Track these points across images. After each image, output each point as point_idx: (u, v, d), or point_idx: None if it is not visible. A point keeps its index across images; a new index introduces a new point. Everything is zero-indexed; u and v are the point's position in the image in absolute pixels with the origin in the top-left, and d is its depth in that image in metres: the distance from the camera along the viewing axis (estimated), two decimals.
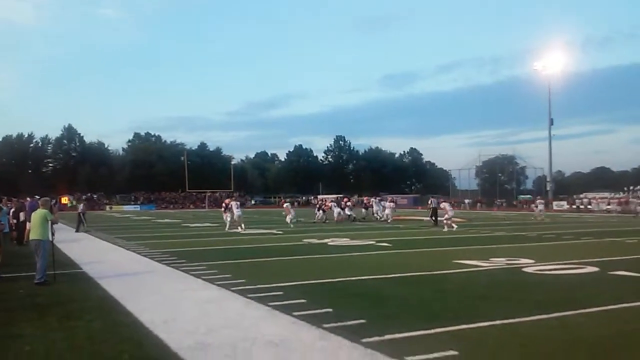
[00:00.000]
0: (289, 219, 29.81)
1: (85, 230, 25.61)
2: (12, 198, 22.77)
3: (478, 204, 74.87)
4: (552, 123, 70.47)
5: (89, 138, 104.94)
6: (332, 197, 65.85)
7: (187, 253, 15.37)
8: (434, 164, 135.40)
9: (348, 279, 10.45)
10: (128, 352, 5.68)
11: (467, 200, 73.89)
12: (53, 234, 10.65)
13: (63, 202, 71.28)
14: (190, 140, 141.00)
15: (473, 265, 12.35)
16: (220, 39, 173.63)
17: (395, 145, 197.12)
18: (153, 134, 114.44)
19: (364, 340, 5.88)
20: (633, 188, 64.40)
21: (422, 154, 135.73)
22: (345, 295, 8.84)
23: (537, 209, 40.31)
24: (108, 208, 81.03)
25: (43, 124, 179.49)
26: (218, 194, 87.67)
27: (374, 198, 41.61)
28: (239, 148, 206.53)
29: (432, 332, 6.32)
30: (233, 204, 26.42)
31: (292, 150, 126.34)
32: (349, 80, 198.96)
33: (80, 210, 27.34)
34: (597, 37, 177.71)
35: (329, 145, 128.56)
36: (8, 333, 6.58)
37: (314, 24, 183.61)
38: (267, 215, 43.05)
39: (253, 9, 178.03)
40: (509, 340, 6.02)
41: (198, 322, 6.93)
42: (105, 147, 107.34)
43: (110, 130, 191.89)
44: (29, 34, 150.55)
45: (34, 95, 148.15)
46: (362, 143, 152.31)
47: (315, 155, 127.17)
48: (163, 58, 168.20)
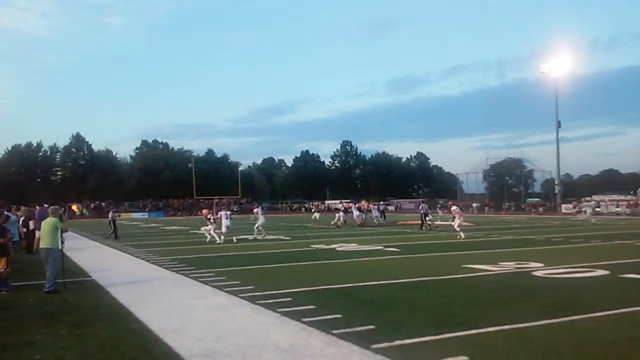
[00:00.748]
0: (259, 226, 25.85)
1: (107, 237, 26.14)
2: (21, 207, 22.93)
3: (486, 208, 74.64)
4: (559, 126, 70.21)
5: (97, 146, 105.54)
6: (338, 202, 65.72)
7: (195, 260, 15.41)
8: (441, 168, 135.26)
9: (357, 285, 10.44)
10: (138, 359, 5.71)
11: (474, 204, 73.67)
12: (63, 243, 10.72)
13: (72, 210, 71.63)
14: (198, 147, 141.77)
15: (482, 270, 12.31)
16: (226, 46, 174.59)
17: (402, 150, 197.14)
18: (160, 142, 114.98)
19: (374, 346, 5.88)
20: None
21: (429, 158, 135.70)
22: (354, 301, 8.83)
23: (585, 214, 40.07)
24: (116, 216, 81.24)
25: (51, 133, 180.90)
26: (225, 200, 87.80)
27: (374, 203, 41.47)
28: (246, 154, 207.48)
29: (441, 337, 6.31)
30: (222, 214, 24.37)
31: (298, 156, 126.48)
32: (355, 85, 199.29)
33: (111, 218, 27.84)
34: (604, 38, 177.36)
35: (336, 150, 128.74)
36: (19, 341, 6.62)
37: (320, 30, 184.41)
38: (274, 222, 43.05)
39: (258, 16, 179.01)
40: (519, 345, 6.00)
41: (207, 329, 6.95)
42: (114, 155, 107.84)
43: (118, 138, 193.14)
44: (37, 43, 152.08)
45: (43, 104, 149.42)
46: (368, 148, 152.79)
47: (322, 161, 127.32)
48: (170, 65, 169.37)
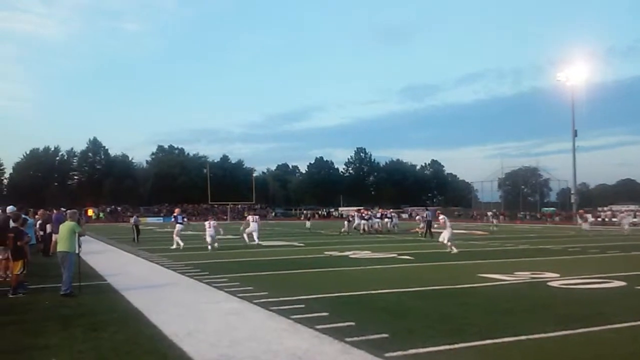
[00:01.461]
0: (251, 233, 24.43)
1: (133, 241, 26.56)
2: (39, 210, 23.22)
3: (501, 217, 73.94)
4: (575, 134, 69.42)
5: (114, 151, 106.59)
6: (353, 209, 65.60)
7: (209, 265, 15.47)
8: (456, 176, 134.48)
9: (370, 292, 10.41)
10: None
11: (489, 213, 73.06)
12: (80, 246, 10.82)
13: (88, 214, 72.23)
14: (212, 153, 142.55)
15: (497, 279, 12.21)
16: (241, 52, 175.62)
17: (417, 157, 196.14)
18: (176, 147, 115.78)
19: (387, 355, 5.86)
20: None
21: (443, 166, 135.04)
22: (368, 309, 8.80)
23: (625, 225, 39.47)
24: (131, 220, 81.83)
25: (69, 138, 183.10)
26: (239, 206, 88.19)
27: (384, 211, 40.80)
28: (260, 160, 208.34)
29: (456, 347, 6.26)
30: (206, 224, 23.37)
31: (312, 163, 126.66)
32: (369, 92, 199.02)
33: (134, 222, 28.18)
34: (620, 47, 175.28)
35: (350, 157, 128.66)
36: (34, 344, 6.69)
37: (334, 36, 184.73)
38: (287, 228, 43.14)
39: (272, 21, 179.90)
40: (535, 357, 5.94)
41: (221, 334, 6.96)
42: (130, 159, 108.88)
43: (134, 143, 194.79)
44: (55, 49, 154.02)
45: (60, 109, 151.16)
46: (383, 155, 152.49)
47: (336, 167, 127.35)
48: (185, 71, 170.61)
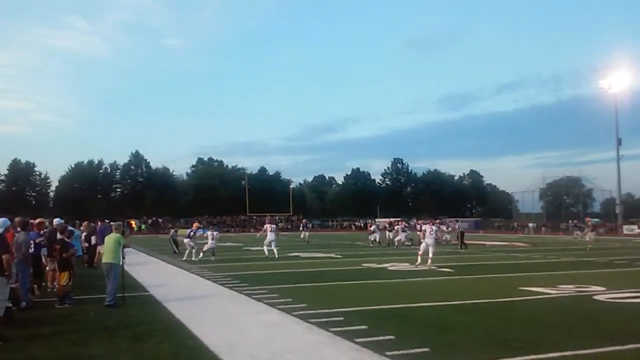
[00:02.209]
0: (270, 245, 23.97)
1: (174, 253, 26.99)
2: (84, 222, 23.90)
3: (542, 228, 72.27)
4: (620, 143, 67.62)
5: (155, 164, 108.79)
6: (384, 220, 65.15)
7: (248, 276, 15.61)
8: (496, 187, 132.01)
9: (409, 305, 10.32)
10: None
11: (530, 224, 71.49)
12: (124, 258, 11.09)
13: (131, 225, 73.83)
14: (251, 165, 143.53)
15: (540, 293, 11.92)
16: (278, 65, 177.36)
17: (455, 168, 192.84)
18: (215, 159, 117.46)
19: None
20: None
21: (482, 176, 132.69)
22: (407, 322, 8.73)
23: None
24: (172, 232, 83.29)
25: (112, 151, 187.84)
26: (277, 218, 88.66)
27: (397, 222, 39.44)
28: (298, 172, 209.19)
29: None
30: (209, 234, 23.52)
31: (349, 174, 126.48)
32: (406, 102, 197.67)
33: (171, 235, 29.56)
34: None
35: (387, 168, 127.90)
36: (80, 353, 6.89)
37: (369, 46, 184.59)
38: (325, 239, 43.15)
39: (309, 35, 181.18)
40: None
41: (261, 346, 7.02)
42: (170, 172, 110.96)
43: (175, 156, 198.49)
44: (98, 65, 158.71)
45: (104, 124, 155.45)
46: (420, 165, 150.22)
47: (373, 179, 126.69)
48: (224, 85, 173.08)
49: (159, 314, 9.71)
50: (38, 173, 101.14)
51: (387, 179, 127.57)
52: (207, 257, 22.48)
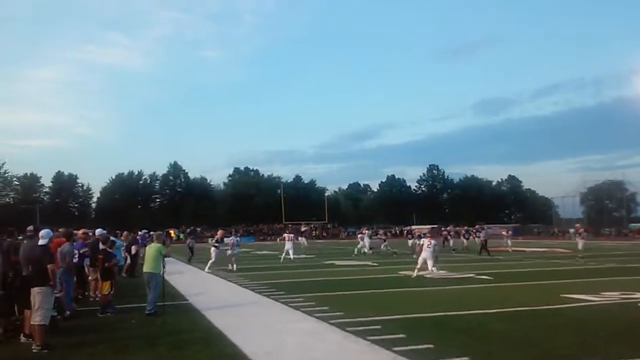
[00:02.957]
0: (287, 254, 26.63)
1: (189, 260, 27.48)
2: (124, 231, 24.46)
3: (584, 233, 70.34)
4: None
5: (193, 174, 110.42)
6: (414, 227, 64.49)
7: (285, 284, 15.67)
8: (535, 192, 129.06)
9: (448, 314, 10.18)
10: None
11: (572, 230, 69.71)
12: (164, 267, 11.29)
13: (170, 235, 75.06)
14: (286, 174, 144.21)
15: (583, 300, 11.62)
16: (311, 74, 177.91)
17: (492, 173, 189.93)
18: (251, 169, 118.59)
19: None
20: None
21: (521, 182, 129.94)
22: (446, 330, 8.62)
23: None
24: (210, 240, 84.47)
25: (151, 162, 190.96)
26: (312, 225, 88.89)
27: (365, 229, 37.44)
28: (332, 180, 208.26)
29: None
30: (230, 240, 23.47)
31: (384, 181, 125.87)
32: (442, 108, 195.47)
33: (188, 243, 30.32)
34: None
35: (422, 175, 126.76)
36: None
37: (403, 52, 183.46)
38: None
39: (342, 42, 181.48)
40: None
41: (300, 354, 7.04)
42: (208, 182, 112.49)
43: (212, 166, 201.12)
44: (138, 78, 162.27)
45: (143, 135, 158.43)
46: (456, 171, 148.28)
47: (408, 185, 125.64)
48: (259, 95, 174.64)
49: (198, 322, 9.84)
50: (80, 185, 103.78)
51: (422, 186, 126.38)
52: (228, 263, 21.76)
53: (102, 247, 12.01)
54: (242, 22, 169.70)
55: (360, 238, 33.26)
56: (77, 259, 11.47)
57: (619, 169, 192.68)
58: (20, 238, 10.01)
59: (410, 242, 34.07)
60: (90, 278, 12.99)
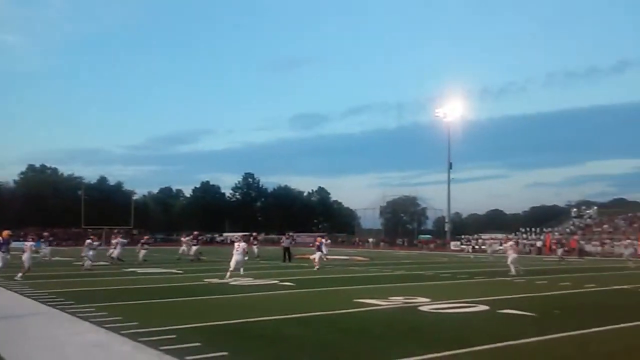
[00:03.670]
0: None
1: None
2: None
3: (381, 243, 76.80)
4: (450, 167, 74.50)
5: None
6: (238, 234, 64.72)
7: (76, 294, 14.39)
8: (341, 203, 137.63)
9: (248, 320, 10.18)
10: None
11: (370, 239, 75.65)
12: None
13: None
14: (89, 174, 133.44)
15: (372, 304, 12.51)
16: (122, 70, 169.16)
17: (305, 184, 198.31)
18: (49, 166, 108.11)
19: None
20: (523, 230, 68.83)
21: (329, 193, 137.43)
22: (244, 338, 8.60)
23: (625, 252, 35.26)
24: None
25: None
26: (116, 231, 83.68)
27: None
28: (142, 183, 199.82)
29: None
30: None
31: (198, 187, 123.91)
32: (260, 119, 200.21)
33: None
34: (493, 88, 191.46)
35: (237, 182, 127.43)
36: None
37: (226, 60, 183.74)
38: (167, 254, 41.40)
39: (163, 43, 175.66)
40: None
41: None
42: None
43: (4, 161, 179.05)
44: None
45: None
46: (272, 181, 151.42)
47: (223, 192, 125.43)
48: (63, 87, 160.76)
49: None
50: None
51: (237, 193, 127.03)
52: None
53: None
54: (50, 6, 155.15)
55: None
56: None
57: (414, 186, 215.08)
58: None
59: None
60: None
